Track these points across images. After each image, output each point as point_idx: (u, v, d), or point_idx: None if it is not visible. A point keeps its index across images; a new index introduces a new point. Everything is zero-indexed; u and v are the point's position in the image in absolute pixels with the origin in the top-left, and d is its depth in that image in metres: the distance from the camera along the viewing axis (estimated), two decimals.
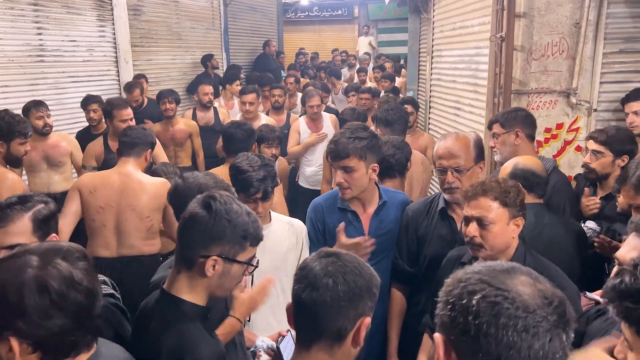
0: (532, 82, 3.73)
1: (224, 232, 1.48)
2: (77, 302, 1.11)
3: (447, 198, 2.29)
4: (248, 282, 2.09)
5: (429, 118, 6.20)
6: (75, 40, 5.61)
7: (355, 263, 1.26)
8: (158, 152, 4.08)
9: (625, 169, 2.31)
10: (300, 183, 5.09)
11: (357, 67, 10.14)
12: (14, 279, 1.09)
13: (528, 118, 2.97)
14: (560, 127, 3.79)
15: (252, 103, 4.81)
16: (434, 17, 6.06)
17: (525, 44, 3.67)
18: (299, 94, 6.76)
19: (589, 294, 2.02)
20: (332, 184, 2.48)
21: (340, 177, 2.27)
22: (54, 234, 1.85)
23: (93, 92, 5.07)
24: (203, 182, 1.93)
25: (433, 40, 6.10)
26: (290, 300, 1.30)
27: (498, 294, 0.91)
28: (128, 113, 3.97)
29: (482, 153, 2.30)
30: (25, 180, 3.98)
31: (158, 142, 4.19)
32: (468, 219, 1.89)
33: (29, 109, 3.99)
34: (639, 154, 2.77)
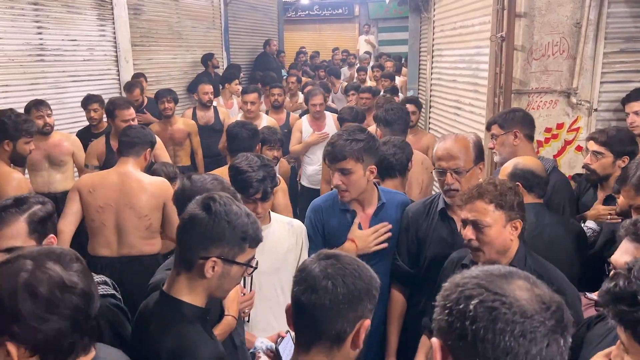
0: (532, 81, 3.73)
1: (224, 233, 1.47)
2: (72, 305, 1.11)
3: (446, 200, 2.29)
4: (248, 283, 2.10)
5: (430, 117, 6.20)
6: (76, 40, 5.60)
7: (355, 265, 1.26)
8: (160, 152, 4.09)
9: (625, 170, 2.30)
10: (302, 182, 5.10)
11: (357, 66, 10.13)
12: (8, 284, 1.09)
13: (526, 118, 2.96)
14: (561, 127, 3.79)
15: (253, 102, 4.81)
16: (435, 16, 6.06)
17: (526, 44, 3.66)
18: (300, 94, 6.78)
19: (589, 295, 2.03)
20: (331, 184, 2.48)
21: (338, 179, 2.26)
22: (52, 235, 1.85)
23: (93, 91, 5.07)
24: (210, 187, 1.91)
25: (433, 40, 6.10)
26: (290, 302, 1.30)
27: (495, 299, 0.90)
28: (130, 113, 3.97)
29: (481, 154, 2.30)
30: (27, 179, 3.98)
31: (160, 142, 4.20)
32: (465, 222, 1.90)
33: (30, 109, 4.00)
34: None
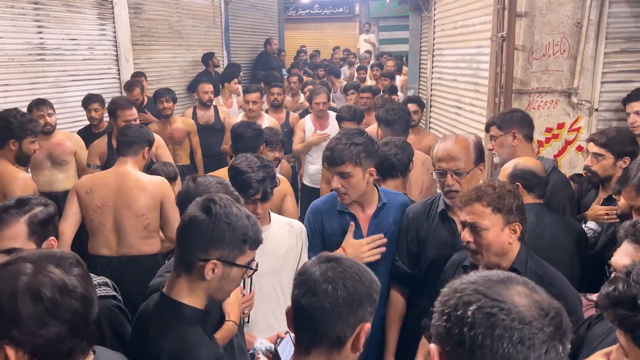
0: (533, 81, 3.72)
1: (224, 235, 1.47)
2: (72, 309, 1.10)
3: (447, 201, 2.28)
4: (247, 284, 2.10)
5: (430, 117, 6.19)
6: (76, 39, 5.59)
7: (356, 268, 1.26)
8: (162, 152, 4.09)
9: (626, 171, 2.30)
10: (304, 181, 5.10)
11: (357, 65, 10.12)
12: (7, 288, 1.08)
13: (524, 118, 2.96)
14: (562, 127, 3.78)
15: (255, 102, 4.81)
16: (435, 15, 6.05)
17: (527, 44, 3.66)
18: (301, 94, 6.77)
19: (589, 296, 2.03)
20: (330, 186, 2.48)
21: (337, 182, 2.26)
22: (52, 237, 1.85)
23: (94, 90, 5.06)
24: (214, 191, 1.90)
25: (434, 39, 6.09)
26: (290, 304, 1.30)
27: (494, 305, 0.90)
28: (132, 113, 3.97)
29: (482, 155, 2.29)
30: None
31: (162, 142, 4.21)
32: (463, 224, 1.90)
33: (31, 108, 4.00)
34: None
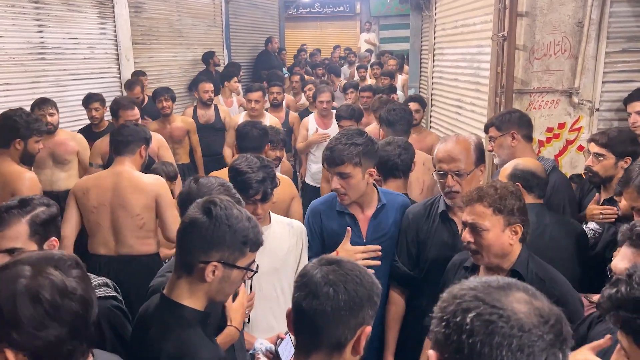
0: (534, 81, 3.71)
1: (224, 237, 1.47)
2: (72, 311, 1.10)
3: (447, 202, 2.28)
4: (247, 285, 2.10)
5: (431, 116, 6.18)
6: (76, 38, 5.59)
7: (357, 271, 1.25)
8: (164, 152, 4.10)
9: (628, 171, 2.29)
10: (306, 180, 5.11)
11: (357, 64, 10.10)
12: (7, 290, 1.07)
13: (523, 119, 2.94)
14: (562, 126, 3.78)
15: (257, 101, 4.81)
16: (436, 14, 6.04)
17: (528, 43, 3.65)
18: (302, 94, 6.77)
19: (590, 296, 2.03)
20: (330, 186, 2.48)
21: (337, 183, 2.26)
22: (54, 238, 1.85)
23: (94, 89, 5.07)
24: (216, 193, 1.90)
25: (435, 38, 6.08)
26: (290, 305, 1.30)
27: (493, 312, 0.89)
28: (134, 114, 3.96)
29: (482, 156, 2.28)
30: None
31: (164, 142, 4.21)
32: (464, 225, 1.90)
33: (33, 108, 3.99)
34: None
